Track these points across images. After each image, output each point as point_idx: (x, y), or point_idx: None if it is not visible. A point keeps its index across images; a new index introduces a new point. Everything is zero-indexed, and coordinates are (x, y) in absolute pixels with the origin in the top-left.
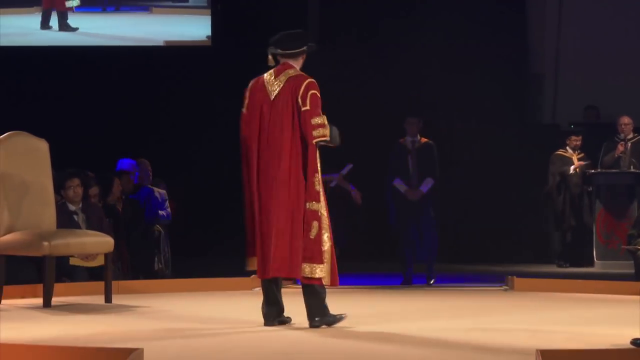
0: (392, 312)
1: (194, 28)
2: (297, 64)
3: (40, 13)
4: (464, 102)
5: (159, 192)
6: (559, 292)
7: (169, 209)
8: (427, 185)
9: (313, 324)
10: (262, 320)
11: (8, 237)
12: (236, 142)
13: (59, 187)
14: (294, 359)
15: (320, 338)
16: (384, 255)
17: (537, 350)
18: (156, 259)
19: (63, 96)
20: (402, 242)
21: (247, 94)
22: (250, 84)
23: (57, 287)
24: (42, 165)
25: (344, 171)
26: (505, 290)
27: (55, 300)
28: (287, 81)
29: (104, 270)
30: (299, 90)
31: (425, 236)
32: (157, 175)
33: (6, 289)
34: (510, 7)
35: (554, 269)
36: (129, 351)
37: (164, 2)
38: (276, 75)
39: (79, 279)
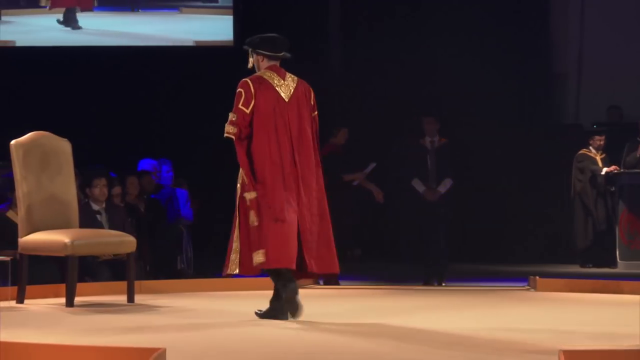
0: (414, 311)
1: (223, 28)
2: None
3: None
4: (486, 102)
5: (181, 191)
6: (582, 292)
7: (191, 209)
8: (445, 185)
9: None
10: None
11: (31, 237)
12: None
13: (85, 185)
14: (318, 357)
15: (341, 336)
16: (405, 255)
17: (560, 350)
18: (178, 258)
19: (86, 96)
20: (420, 242)
21: (248, 93)
22: (246, 84)
23: (80, 286)
24: (65, 165)
25: (367, 170)
26: (528, 290)
27: (77, 299)
28: (298, 84)
29: (127, 270)
30: (311, 94)
31: (441, 236)
32: (180, 175)
33: (29, 288)
34: (533, 7)
35: (577, 269)
36: (152, 351)
37: (195, 2)
38: (282, 77)
39: (101, 279)
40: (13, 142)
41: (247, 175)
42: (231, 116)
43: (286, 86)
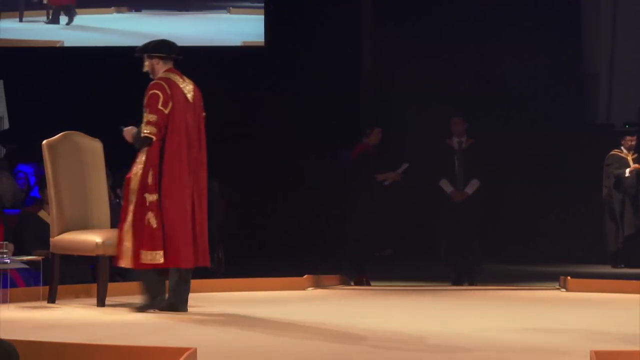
0: (445, 312)
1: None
2: None
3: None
4: (517, 102)
5: (211, 191)
6: (613, 292)
7: (220, 208)
8: (472, 186)
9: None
10: (315, 319)
11: (63, 237)
12: (292, 141)
13: (117, 185)
14: (354, 355)
15: (375, 334)
16: (436, 255)
17: (591, 350)
18: (209, 258)
19: (121, 96)
20: (448, 243)
21: (165, 94)
22: (161, 85)
23: (111, 286)
24: (97, 165)
25: (400, 170)
26: (559, 290)
27: (108, 299)
28: (193, 85)
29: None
30: (200, 95)
31: (472, 237)
32: (211, 174)
33: (61, 288)
34: (564, 7)
35: (608, 269)
36: (183, 350)
37: (241, 3)
38: (182, 79)
39: (132, 279)
40: (45, 141)
41: (154, 176)
42: (151, 116)
43: (187, 87)
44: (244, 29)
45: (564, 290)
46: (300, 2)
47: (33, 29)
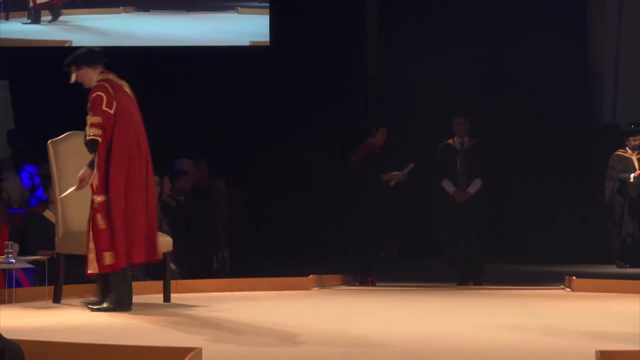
0: (449, 311)
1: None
2: None
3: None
4: (522, 102)
5: (217, 191)
6: (619, 293)
7: (226, 209)
8: (475, 186)
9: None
10: (321, 317)
11: (68, 237)
12: (299, 143)
13: None
14: (357, 356)
15: (379, 335)
16: (440, 256)
17: (596, 351)
18: (214, 258)
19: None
20: (450, 243)
21: (108, 95)
22: (103, 86)
23: None
24: None
25: (406, 170)
26: (565, 290)
27: None
28: (129, 87)
29: (163, 269)
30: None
31: (472, 237)
32: (217, 174)
33: (66, 288)
34: (570, 7)
35: (613, 269)
36: (188, 350)
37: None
38: (118, 78)
39: (138, 278)
40: (50, 141)
41: (101, 178)
42: (94, 119)
43: (126, 86)
44: (252, 28)
45: (569, 290)
46: (305, 1)
47: (40, 29)
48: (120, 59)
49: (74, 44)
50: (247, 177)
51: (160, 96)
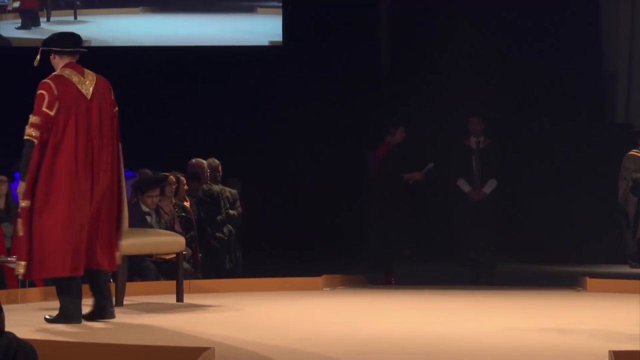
0: (463, 312)
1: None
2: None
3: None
4: (536, 101)
5: (230, 191)
6: (632, 293)
7: (239, 209)
8: (490, 186)
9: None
10: (333, 317)
11: None
12: (310, 142)
13: (139, 189)
14: (371, 357)
15: (392, 335)
16: (453, 256)
17: (609, 351)
18: (227, 258)
19: (140, 94)
20: (465, 243)
21: (51, 95)
22: (47, 85)
23: (129, 286)
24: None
25: (425, 170)
26: (578, 290)
27: (127, 299)
28: (98, 80)
29: (176, 269)
30: (111, 90)
31: (487, 237)
32: (232, 174)
33: None
34: (583, 6)
35: (626, 269)
36: (201, 350)
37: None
38: (82, 75)
39: (150, 278)
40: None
41: (29, 182)
42: (34, 119)
43: (87, 83)
44: (270, 29)
45: (583, 290)
46: (318, 0)
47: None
48: (139, 59)
49: (92, 44)
50: (262, 176)
51: (176, 95)
